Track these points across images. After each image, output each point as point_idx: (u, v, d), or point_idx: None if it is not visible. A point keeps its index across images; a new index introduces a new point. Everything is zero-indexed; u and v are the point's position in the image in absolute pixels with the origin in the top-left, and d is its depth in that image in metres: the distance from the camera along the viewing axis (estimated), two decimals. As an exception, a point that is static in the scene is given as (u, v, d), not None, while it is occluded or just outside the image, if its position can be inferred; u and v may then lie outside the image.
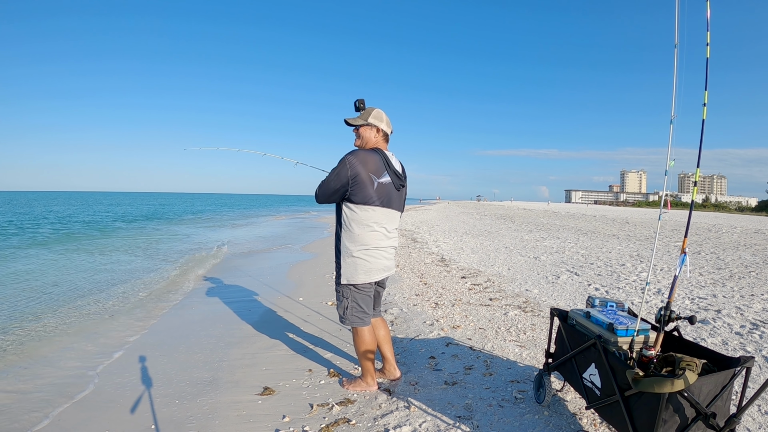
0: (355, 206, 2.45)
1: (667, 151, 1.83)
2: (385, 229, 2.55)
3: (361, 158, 2.43)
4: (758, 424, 2.24)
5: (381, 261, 2.56)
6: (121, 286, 6.12)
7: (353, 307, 2.55)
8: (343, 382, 2.82)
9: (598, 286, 5.68)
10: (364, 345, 2.61)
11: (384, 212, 2.52)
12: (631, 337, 1.92)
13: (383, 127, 2.57)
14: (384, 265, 2.59)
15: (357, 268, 2.50)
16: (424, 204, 66.25)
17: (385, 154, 2.54)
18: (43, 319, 4.46)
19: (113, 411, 2.57)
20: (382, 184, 2.48)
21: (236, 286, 6.11)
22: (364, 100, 2.56)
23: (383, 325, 2.85)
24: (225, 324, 4.29)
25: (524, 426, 2.24)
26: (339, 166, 2.42)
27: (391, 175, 2.54)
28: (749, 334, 3.67)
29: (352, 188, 2.41)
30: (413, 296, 5.17)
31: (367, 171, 2.42)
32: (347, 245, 2.49)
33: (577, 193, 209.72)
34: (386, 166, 2.51)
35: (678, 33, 1.79)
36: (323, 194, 2.46)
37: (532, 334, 3.72)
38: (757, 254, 8.91)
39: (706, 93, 1.83)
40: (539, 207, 46.25)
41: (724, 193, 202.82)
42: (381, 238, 2.53)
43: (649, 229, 15.54)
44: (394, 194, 2.58)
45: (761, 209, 53.57)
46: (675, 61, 1.79)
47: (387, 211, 2.54)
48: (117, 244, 11.53)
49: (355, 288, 2.54)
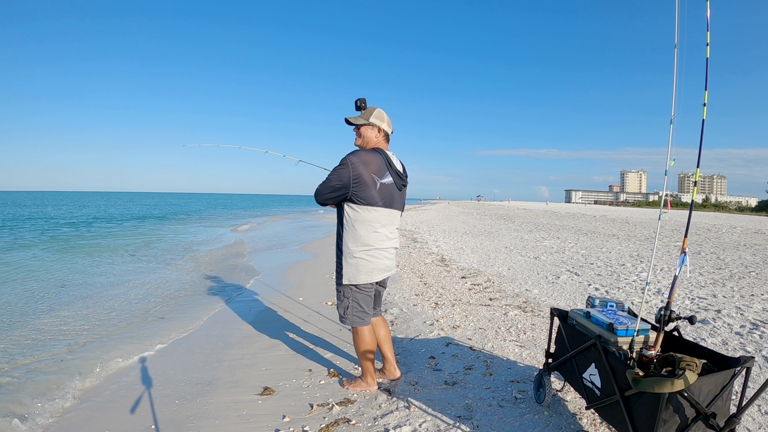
0: (357, 207, 2.44)
1: (667, 151, 1.83)
2: (387, 230, 2.55)
3: (363, 159, 2.42)
4: (758, 424, 2.24)
5: (383, 261, 2.56)
6: (120, 287, 6.12)
7: (354, 306, 2.55)
8: (343, 382, 2.82)
9: (598, 286, 5.68)
10: (364, 345, 2.61)
11: (386, 213, 2.53)
12: (631, 337, 1.92)
13: (384, 127, 2.56)
14: (386, 265, 2.59)
15: (359, 269, 2.49)
16: (424, 204, 66.27)
17: (386, 154, 2.54)
18: (43, 319, 4.46)
19: (113, 411, 2.57)
20: (385, 184, 2.49)
21: (236, 286, 6.11)
22: (365, 99, 2.54)
23: (384, 325, 2.85)
24: (225, 324, 4.29)
25: (524, 426, 2.24)
26: (340, 167, 2.41)
27: (393, 175, 2.54)
28: (749, 334, 3.67)
29: (354, 189, 2.40)
30: (413, 296, 5.17)
31: (370, 172, 2.42)
32: (350, 246, 2.48)
33: (577, 193, 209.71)
34: (388, 167, 2.51)
35: (678, 33, 1.79)
36: (323, 194, 2.44)
37: (532, 334, 3.72)
38: (757, 254, 8.91)
39: (706, 93, 1.83)
40: (538, 207, 46.26)
41: (724, 193, 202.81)
42: (383, 239, 2.53)
43: (649, 229, 15.54)
44: (396, 194, 2.58)
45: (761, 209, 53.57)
46: (675, 61, 1.79)
47: (389, 212, 2.55)
48: (113, 246, 11.52)
49: (357, 288, 2.54)
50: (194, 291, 5.81)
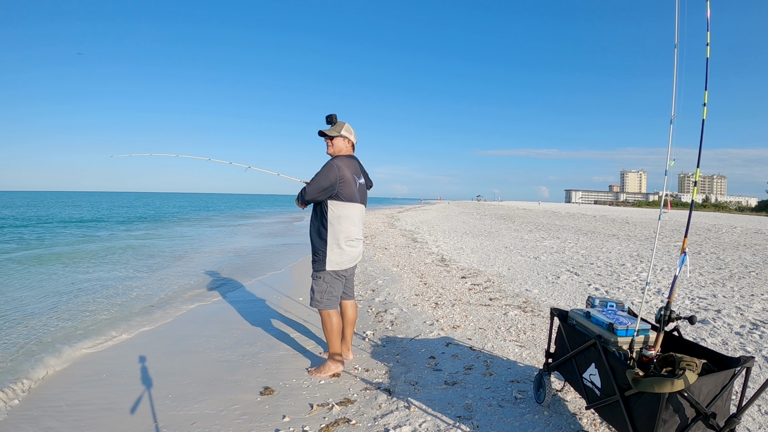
0: (341, 203, 2.83)
1: (668, 151, 1.83)
2: (360, 223, 2.99)
3: (345, 163, 2.85)
4: (758, 424, 2.24)
5: (357, 250, 2.99)
6: (117, 288, 6.12)
7: (329, 291, 2.91)
8: (311, 371, 3.00)
9: (598, 286, 5.68)
10: (333, 326, 2.93)
11: (361, 208, 2.97)
12: (631, 337, 1.92)
13: (352, 138, 3.02)
14: (359, 252, 3.02)
15: (343, 257, 2.89)
16: (424, 204, 66.26)
17: (359, 161, 3.02)
18: (46, 319, 4.46)
19: (113, 411, 2.57)
20: (361, 184, 2.97)
21: (236, 286, 6.11)
22: (336, 115, 2.95)
23: (354, 309, 3.23)
24: (224, 324, 4.29)
25: (524, 426, 2.24)
26: (327, 168, 2.78)
27: (364, 177, 3.05)
28: (749, 334, 3.67)
29: (340, 187, 2.79)
30: (413, 296, 5.17)
31: (351, 173, 2.85)
32: (336, 237, 2.85)
33: (577, 193, 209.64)
34: (361, 170, 3.00)
35: (678, 33, 1.79)
36: (313, 192, 2.75)
37: (532, 334, 3.72)
38: (757, 254, 8.91)
39: (706, 93, 1.83)
40: (529, 206, 46.29)
41: (724, 193, 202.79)
42: (357, 231, 2.96)
43: (649, 229, 15.54)
44: (364, 193, 3.06)
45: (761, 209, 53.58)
46: (675, 61, 1.79)
47: (362, 208, 2.99)
48: (107, 248, 11.52)
49: (336, 274, 2.91)
50: (194, 291, 5.81)
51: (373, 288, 5.69)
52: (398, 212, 29.93)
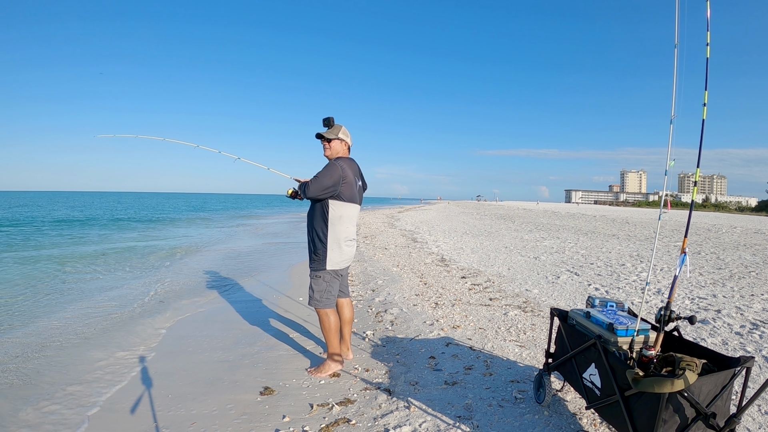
0: (342, 204, 2.88)
1: (668, 151, 1.83)
2: (356, 224, 3.05)
3: (347, 164, 2.92)
4: (758, 424, 2.24)
5: (353, 249, 3.06)
6: (116, 290, 6.12)
7: (329, 290, 2.94)
8: (310, 372, 3.01)
9: (598, 286, 5.68)
10: (331, 325, 2.95)
11: (358, 209, 3.03)
12: (631, 337, 1.92)
13: (348, 141, 3.08)
14: (353, 251, 3.08)
15: (342, 256, 2.94)
16: (424, 204, 66.27)
17: (357, 163, 3.08)
18: (45, 321, 4.46)
19: (114, 411, 2.57)
20: (359, 186, 3.04)
21: (236, 286, 6.11)
22: (333, 118, 2.99)
23: (351, 307, 3.26)
24: (224, 324, 4.29)
25: (524, 426, 2.24)
26: (331, 168, 2.82)
27: (361, 179, 3.11)
28: (749, 334, 3.67)
29: (342, 188, 2.84)
30: (413, 296, 5.17)
31: (353, 175, 2.92)
32: (337, 236, 2.89)
33: (577, 193, 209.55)
34: (359, 172, 3.07)
35: (678, 33, 1.79)
36: (316, 189, 2.78)
37: (532, 334, 3.72)
38: (757, 254, 8.91)
39: (706, 93, 1.83)
40: (529, 206, 46.29)
41: (724, 193, 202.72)
42: (354, 231, 3.03)
43: (649, 229, 15.54)
44: (362, 194, 3.13)
45: (761, 209, 53.57)
46: (675, 61, 1.79)
47: (359, 208, 3.05)
48: (108, 248, 11.52)
49: (335, 273, 2.94)
50: (194, 291, 5.81)
51: (373, 288, 5.69)
52: (398, 212, 29.93)
